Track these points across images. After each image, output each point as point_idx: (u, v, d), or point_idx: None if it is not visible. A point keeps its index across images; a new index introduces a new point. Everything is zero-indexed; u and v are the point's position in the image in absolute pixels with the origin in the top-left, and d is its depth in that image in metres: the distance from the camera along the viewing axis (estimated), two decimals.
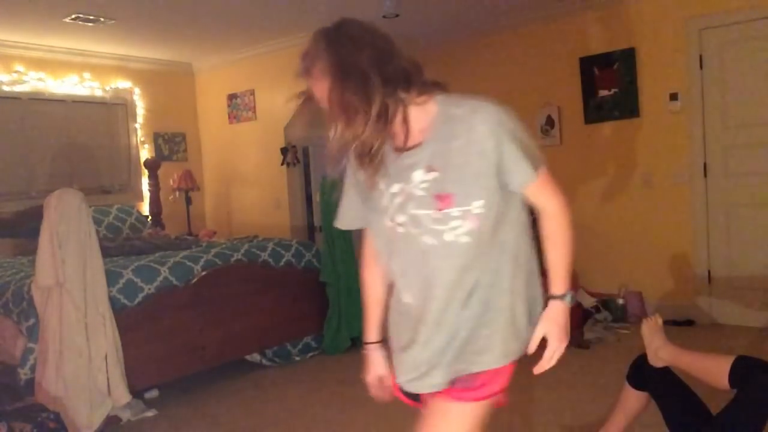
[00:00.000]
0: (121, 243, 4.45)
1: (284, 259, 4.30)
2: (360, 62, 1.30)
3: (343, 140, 1.34)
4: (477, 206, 1.38)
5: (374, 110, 1.30)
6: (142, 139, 6.26)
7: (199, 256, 3.88)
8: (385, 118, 1.33)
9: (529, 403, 3.30)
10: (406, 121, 1.40)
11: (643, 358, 2.44)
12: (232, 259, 4.02)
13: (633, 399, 2.43)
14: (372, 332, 1.69)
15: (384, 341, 1.69)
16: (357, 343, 4.28)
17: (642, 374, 2.41)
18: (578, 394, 3.31)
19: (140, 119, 6.24)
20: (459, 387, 1.50)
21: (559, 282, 1.54)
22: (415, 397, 1.60)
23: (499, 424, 3.08)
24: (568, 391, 3.35)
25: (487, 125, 1.37)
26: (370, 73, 1.30)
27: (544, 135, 5.29)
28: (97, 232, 3.50)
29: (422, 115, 1.42)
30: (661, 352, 2.29)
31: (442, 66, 6.00)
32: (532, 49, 5.41)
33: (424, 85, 1.43)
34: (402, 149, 1.44)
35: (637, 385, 2.42)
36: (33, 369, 3.09)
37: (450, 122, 1.41)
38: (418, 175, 1.41)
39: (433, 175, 1.40)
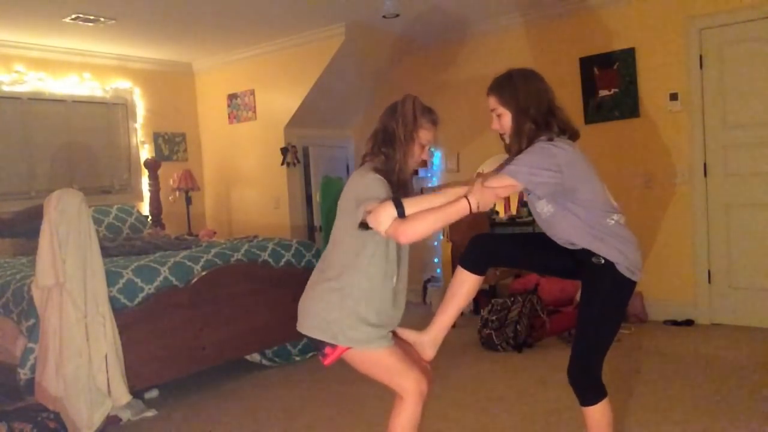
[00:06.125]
0: (121, 243, 4.45)
1: (284, 259, 4.30)
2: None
3: None
4: None
5: None
6: (142, 139, 6.26)
7: (199, 256, 3.88)
8: None
9: (529, 403, 3.31)
10: None
11: (479, 243, 2.21)
12: (232, 259, 4.02)
13: (470, 283, 2.17)
14: None
15: None
16: None
17: (484, 254, 2.18)
18: None
19: (140, 119, 6.24)
20: None
21: None
22: None
23: (499, 424, 3.07)
24: (569, 391, 3.34)
25: None
26: None
27: None
28: (97, 232, 3.50)
29: None
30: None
31: (442, 66, 6.00)
32: (532, 49, 5.42)
33: None
34: None
35: (478, 267, 2.17)
36: (33, 369, 3.09)
37: None
38: None
39: None
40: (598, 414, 2.14)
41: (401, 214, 1.90)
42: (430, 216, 1.93)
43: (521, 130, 2.09)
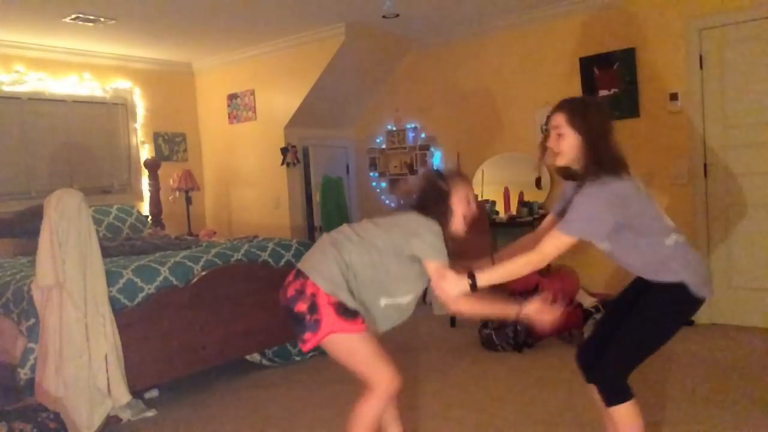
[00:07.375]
0: (121, 243, 4.45)
1: (284, 259, 4.29)
2: None
3: None
4: None
5: None
6: (142, 139, 6.26)
7: (199, 256, 3.88)
8: None
9: (529, 403, 3.31)
10: None
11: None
12: (232, 259, 4.02)
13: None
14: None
15: None
16: None
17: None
18: (579, 393, 3.30)
19: (140, 119, 6.24)
20: None
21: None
22: None
23: (499, 424, 3.07)
24: (569, 390, 3.35)
25: None
26: None
27: (545, 135, 5.29)
28: (97, 232, 3.50)
29: None
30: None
31: (442, 66, 6.00)
32: (532, 48, 5.42)
33: None
34: None
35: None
36: (33, 369, 3.09)
37: None
38: None
39: None
40: (626, 413, 2.13)
41: (473, 287, 2.02)
42: (487, 308, 2.15)
43: (593, 159, 2.06)
